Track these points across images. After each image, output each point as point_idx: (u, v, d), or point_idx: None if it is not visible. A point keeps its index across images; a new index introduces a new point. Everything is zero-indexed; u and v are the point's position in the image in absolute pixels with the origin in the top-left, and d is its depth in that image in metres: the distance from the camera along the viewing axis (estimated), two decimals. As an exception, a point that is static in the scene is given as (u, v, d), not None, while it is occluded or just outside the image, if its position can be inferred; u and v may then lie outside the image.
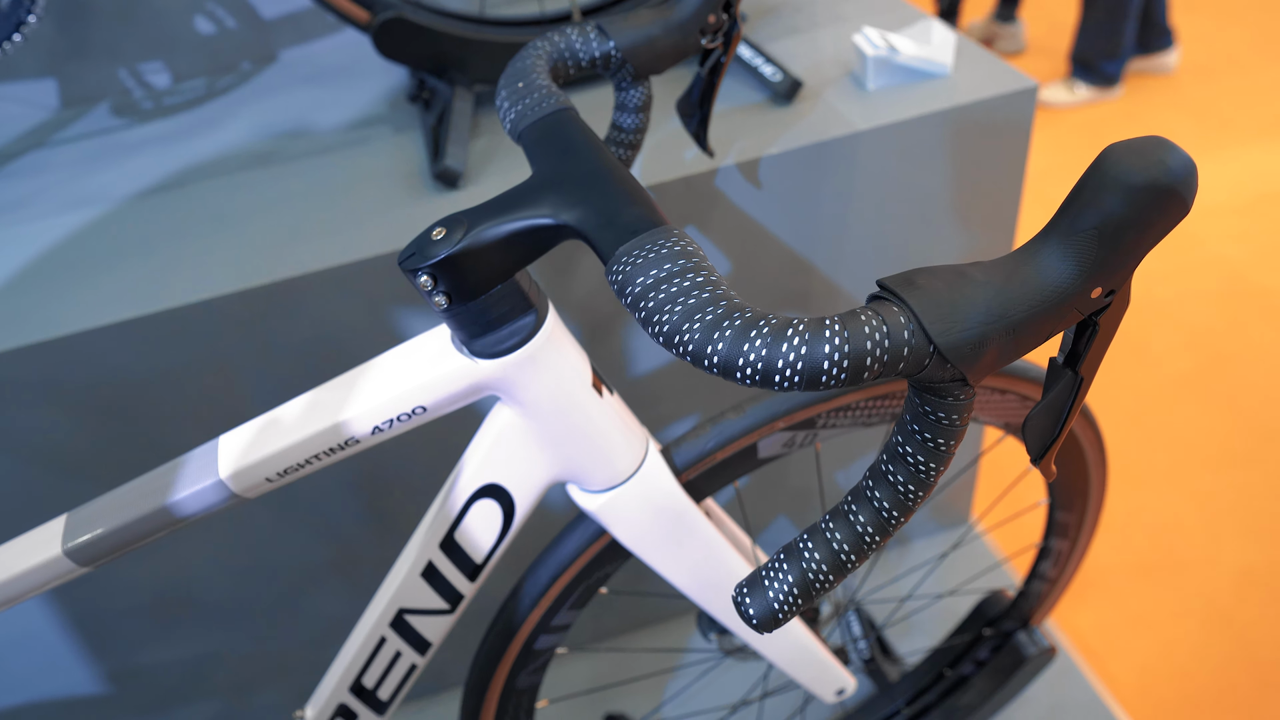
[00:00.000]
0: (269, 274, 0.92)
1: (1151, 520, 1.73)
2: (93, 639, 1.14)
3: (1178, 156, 0.40)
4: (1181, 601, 1.59)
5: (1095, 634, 1.55)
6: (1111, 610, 1.58)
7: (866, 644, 1.29)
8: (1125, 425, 1.91)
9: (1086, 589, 1.62)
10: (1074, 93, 3.05)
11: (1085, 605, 1.59)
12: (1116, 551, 1.68)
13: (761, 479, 1.31)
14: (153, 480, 0.61)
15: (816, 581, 0.50)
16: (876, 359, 0.41)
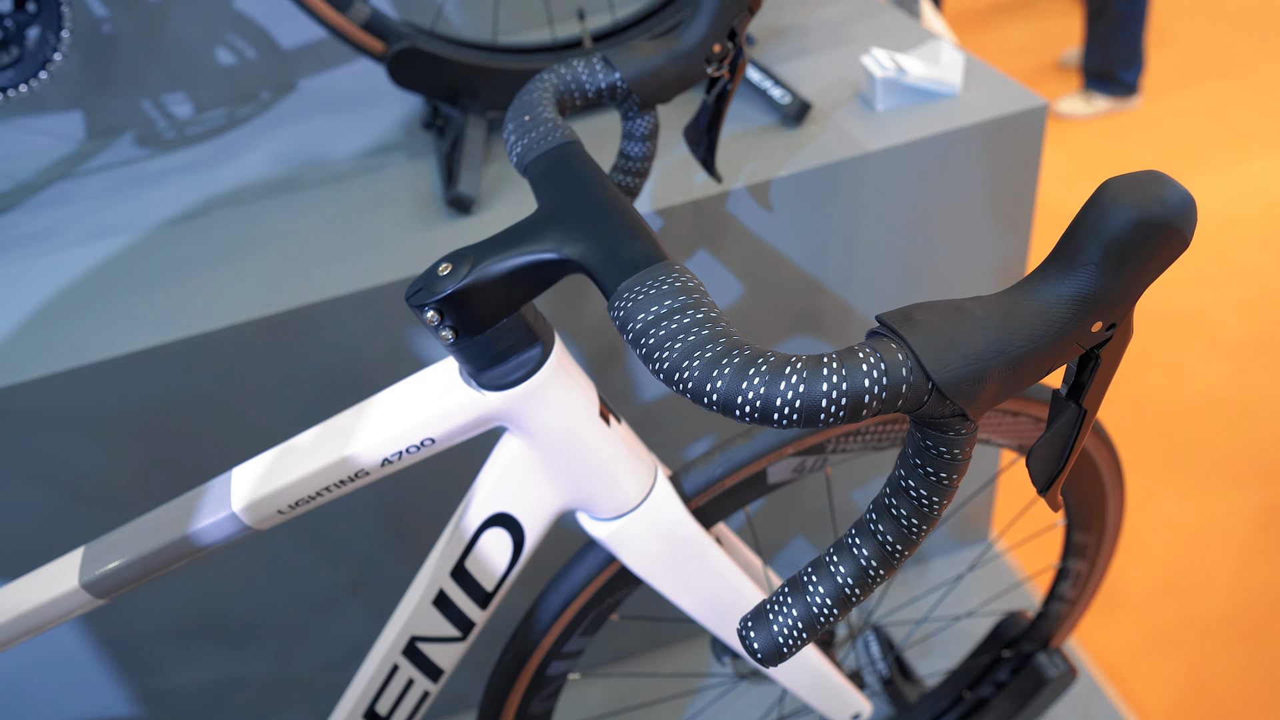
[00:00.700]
0: (287, 301, 0.94)
1: (1177, 537, 1.71)
2: (120, 661, 1.16)
3: (1175, 191, 0.40)
4: (1208, 620, 1.56)
5: (1120, 654, 1.53)
6: (1136, 630, 1.56)
7: (885, 665, 1.29)
8: (1150, 439, 1.89)
9: (1110, 608, 1.60)
10: (1092, 104, 3.04)
11: (1109, 624, 1.57)
12: (1141, 569, 1.66)
13: (777, 501, 1.31)
14: (167, 513, 0.62)
15: (821, 615, 0.50)
16: (875, 396, 0.41)
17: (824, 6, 1.37)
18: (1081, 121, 3.03)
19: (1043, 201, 2.68)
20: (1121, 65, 2.97)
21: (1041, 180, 2.76)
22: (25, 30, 0.99)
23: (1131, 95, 3.03)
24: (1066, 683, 1.12)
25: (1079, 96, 3.06)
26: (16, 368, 0.91)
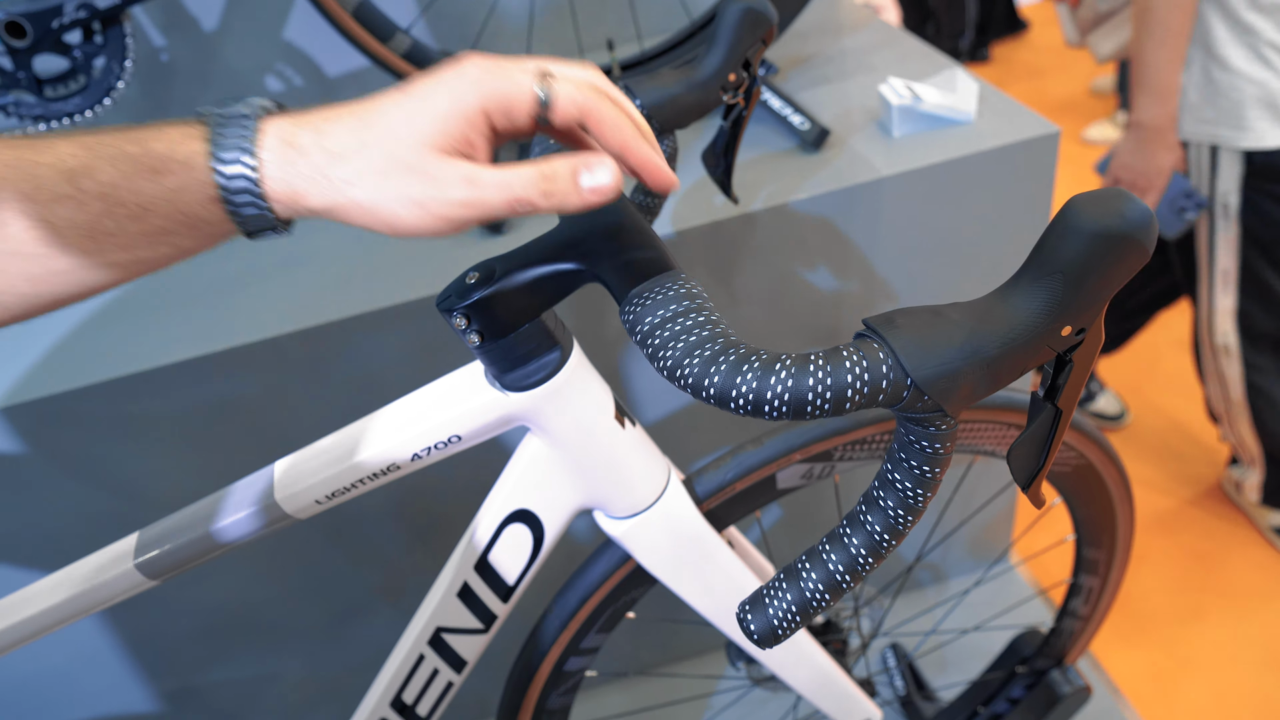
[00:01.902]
0: (326, 315, 0.99)
1: (1202, 558, 1.70)
2: (156, 659, 1.21)
3: (1135, 206, 0.43)
4: (1235, 644, 1.55)
5: (1144, 677, 1.52)
6: (1161, 653, 1.56)
7: (902, 680, 1.30)
8: (1173, 457, 1.89)
9: (1134, 630, 1.60)
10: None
11: (1133, 647, 1.57)
12: (1165, 592, 1.66)
13: (789, 511, 1.34)
14: (215, 501, 0.67)
15: (814, 600, 0.53)
16: (857, 391, 0.45)
17: (847, 36, 1.42)
18: None
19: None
20: None
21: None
22: (92, 60, 1.07)
23: None
24: (1081, 700, 1.13)
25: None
26: (78, 374, 0.97)
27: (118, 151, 0.44)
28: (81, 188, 0.44)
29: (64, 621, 0.67)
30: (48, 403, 0.95)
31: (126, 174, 0.44)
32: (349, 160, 0.46)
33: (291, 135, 0.46)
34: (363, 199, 0.46)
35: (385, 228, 0.47)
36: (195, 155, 0.45)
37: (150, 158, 0.45)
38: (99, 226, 0.44)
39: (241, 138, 0.45)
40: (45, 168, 0.43)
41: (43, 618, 0.66)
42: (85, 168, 0.44)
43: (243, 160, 0.45)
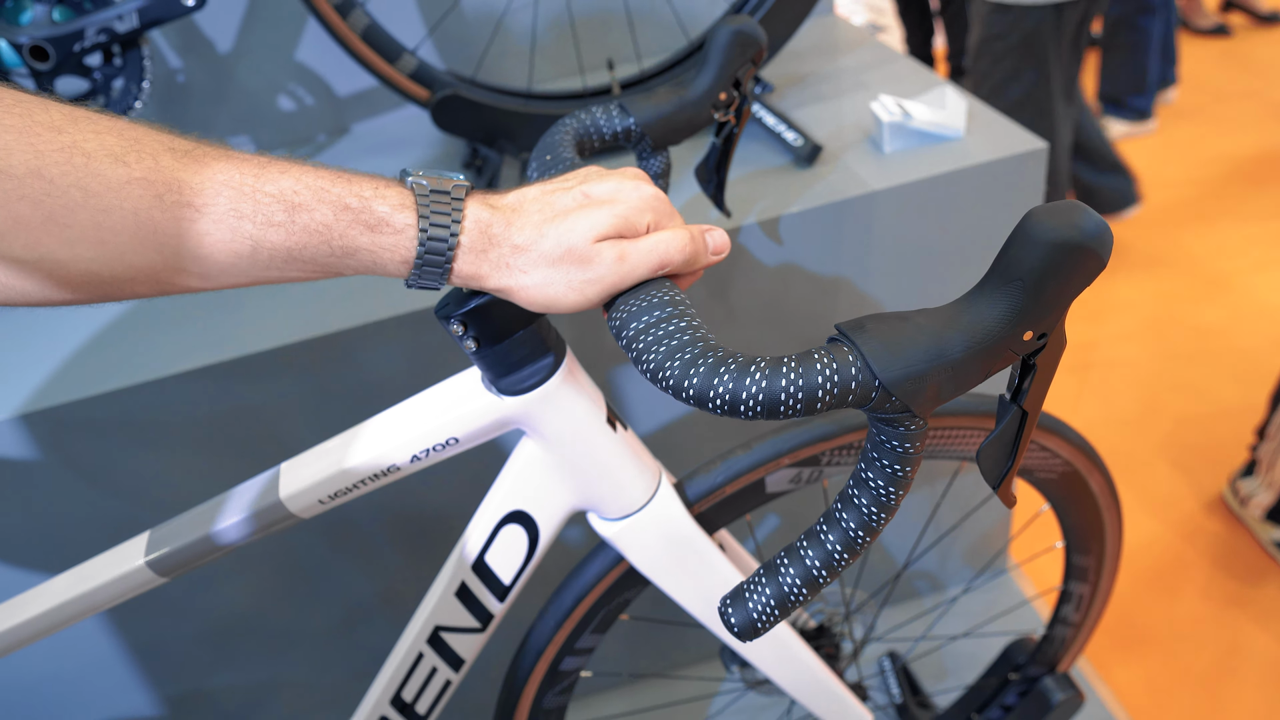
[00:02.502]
0: (332, 325, 1.02)
1: (1202, 571, 1.71)
2: (163, 664, 1.24)
3: (1090, 218, 0.46)
4: (1234, 657, 1.56)
5: (1142, 690, 1.53)
6: (1159, 665, 1.56)
7: (898, 687, 1.32)
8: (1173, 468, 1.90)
9: (1133, 642, 1.61)
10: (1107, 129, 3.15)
11: (1132, 659, 1.58)
12: (1164, 604, 1.67)
13: (782, 517, 1.36)
14: (223, 501, 0.70)
15: (792, 595, 0.56)
16: (827, 391, 0.48)
17: (843, 56, 1.45)
18: None
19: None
20: (1131, 92, 3.14)
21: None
22: (112, 81, 1.11)
23: (1146, 120, 3.18)
24: (1074, 707, 1.15)
25: None
26: (93, 382, 1.01)
27: (339, 202, 0.51)
28: (296, 222, 0.50)
29: (78, 617, 0.70)
30: (64, 410, 0.98)
31: (343, 222, 0.51)
32: (528, 251, 0.54)
33: (488, 224, 0.54)
34: (530, 285, 0.55)
35: (545, 308, 0.56)
36: (409, 226, 0.52)
37: (369, 215, 0.51)
38: (296, 254, 0.51)
39: (448, 218, 0.52)
40: (267, 196, 0.50)
41: (57, 613, 0.69)
42: (305, 206, 0.50)
43: (447, 240, 0.52)
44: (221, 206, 0.49)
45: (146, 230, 0.48)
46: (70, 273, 0.48)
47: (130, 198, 0.47)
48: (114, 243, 0.47)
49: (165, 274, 0.50)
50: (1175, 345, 2.26)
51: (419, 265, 0.52)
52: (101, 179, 0.46)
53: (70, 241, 0.46)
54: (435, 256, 0.52)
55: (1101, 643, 1.60)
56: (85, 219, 0.46)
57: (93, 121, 0.47)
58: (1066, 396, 2.16)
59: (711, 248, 0.60)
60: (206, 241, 0.49)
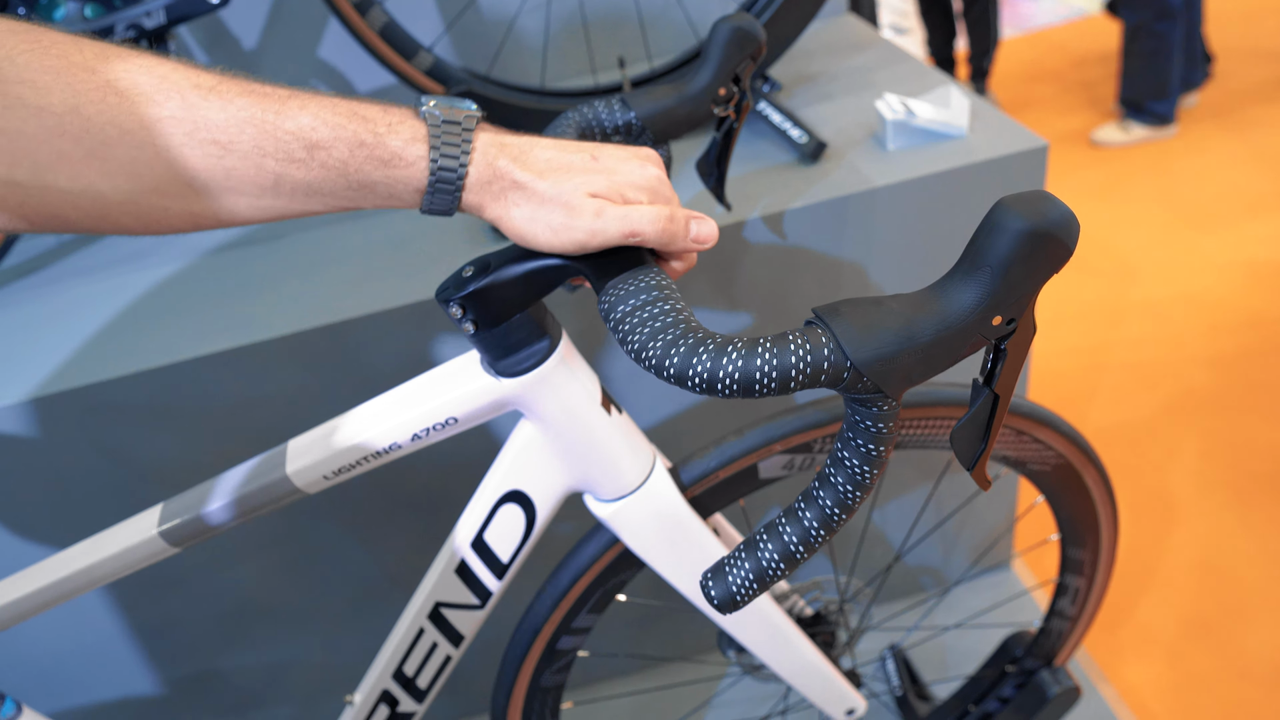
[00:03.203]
0: (346, 312, 1.05)
1: (1211, 570, 1.71)
2: (178, 643, 1.28)
3: (1056, 207, 0.48)
4: (1245, 659, 1.55)
5: (1151, 691, 1.52)
6: (1169, 669, 1.56)
7: (899, 679, 1.33)
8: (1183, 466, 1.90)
9: (1142, 643, 1.61)
10: (1129, 133, 3.20)
11: (1141, 660, 1.58)
12: (1172, 605, 1.66)
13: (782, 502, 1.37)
14: (234, 475, 0.73)
15: (770, 569, 0.58)
16: (800, 371, 0.50)
17: (852, 55, 1.47)
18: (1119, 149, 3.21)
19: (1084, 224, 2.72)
20: (1151, 96, 3.15)
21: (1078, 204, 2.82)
22: (136, 75, 1.15)
23: (1168, 124, 3.18)
24: (1070, 700, 1.16)
25: (1116, 126, 3.24)
26: (112, 365, 1.04)
27: (355, 138, 0.54)
28: (315, 158, 0.54)
29: (93, 584, 0.73)
30: (87, 391, 1.02)
31: (358, 159, 0.55)
32: (525, 189, 0.58)
33: (495, 157, 0.58)
34: (518, 218, 0.59)
35: (523, 241, 0.60)
36: (420, 159, 0.56)
37: (383, 150, 0.55)
38: (315, 187, 0.55)
39: (458, 149, 0.56)
40: (287, 134, 0.53)
41: (73, 580, 0.72)
42: (323, 144, 0.54)
43: (455, 171, 0.56)
44: (246, 144, 0.52)
45: (178, 165, 0.51)
46: (111, 203, 0.52)
47: (161, 135, 0.51)
48: (149, 176, 0.51)
49: (198, 206, 0.54)
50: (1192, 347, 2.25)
51: (430, 194, 0.57)
52: (134, 117, 0.50)
53: (109, 174, 0.50)
54: (445, 185, 0.56)
55: (1110, 642, 1.60)
56: (121, 154, 0.50)
57: (124, 60, 0.51)
58: (1080, 393, 2.16)
59: (693, 234, 0.62)
60: (234, 176, 0.53)
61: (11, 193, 0.50)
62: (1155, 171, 3.04)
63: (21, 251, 1.35)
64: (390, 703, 0.88)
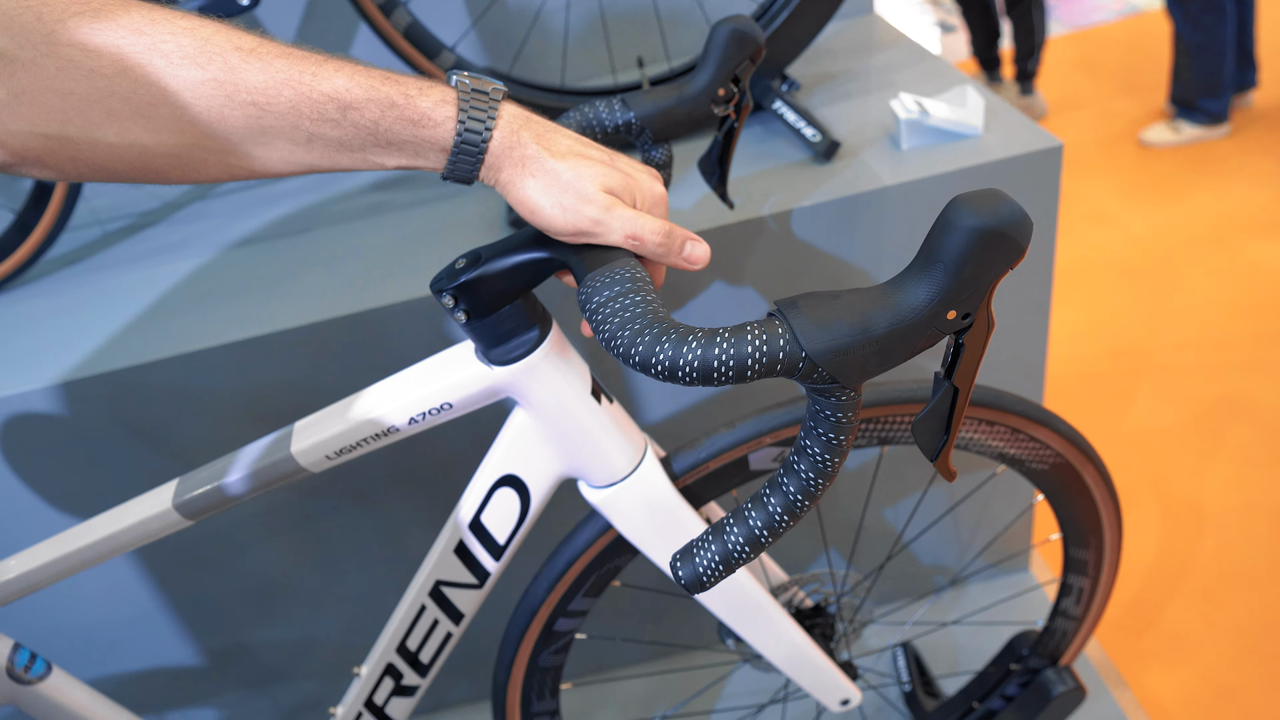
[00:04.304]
0: (367, 303, 1.09)
1: (1246, 581, 1.67)
2: (208, 618, 1.34)
3: (1009, 206, 0.49)
4: (1277, 674, 1.52)
5: (1175, 701, 1.50)
6: (1195, 678, 1.53)
7: (908, 675, 1.34)
8: (1211, 470, 1.86)
9: (1168, 652, 1.58)
10: (1179, 133, 3.14)
11: (1166, 669, 1.56)
12: (1203, 614, 1.64)
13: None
14: (244, 453, 0.77)
15: (736, 552, 0.60)
16: (757, 360, 0.52)
17: (876, 55, 1.47)
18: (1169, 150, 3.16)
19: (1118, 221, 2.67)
20: (1202, 95, 3.08)
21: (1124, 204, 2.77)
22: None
23: (1219, 124, 3.12)
24: (1074, 701, 1.15)
25: (1166, 125, 3.19)
26: (142, 351, 1.10)
27: (386, 99, 0.57)
28: (347, 118, 0.57)
29: (114, 552, 0.78)
30: (118, 375, 1.08)
31: (389, 118, 0.58)
32: (545, 164, 0.61)
33: (518, 129, 0.61)
34: (530, 188, 0.61)
35: (527, 212, 0.62)
36: (448, 119, 0.59)
37: (413, 110, 0.58)
38: (346, 144, 0.58)
39: (485, 114, 0.59)
40: (323, 95, 0.56)
41: (97, 547, 0.77)
42: (356, 104, 0.57)
43: (481, 134, 0.59)
44: (283, 104, 0.56)
45: (218, 124, 0.55)
46: (154, 155, 0.56)
47: (204, 96, 0.54)
48: (191, 132, 0.55)
49: (235, 159, 0.57)
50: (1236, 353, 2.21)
51: (454, 156, 0.59)
52: (179, 79, 0.54)
53: (154, 131, 0.55)
54: (469, 148, 0.59)
55: (1134, 647, 1.59)
56: (166, 113, 0.54)
57: (169, 23, 0.54)
58: (1117, 395, 2.13)
59: (685, 253, 0.65)
60: (270, 133, 0.56)
61: (64, 147, 0.54)
62: (1205, 172, 2.97)
63: (65, 243, 1.42)
64: (395, 675, 0.91)
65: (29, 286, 1.32)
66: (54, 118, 0.53)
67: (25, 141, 0.53)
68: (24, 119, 0.52)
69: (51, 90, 0.52)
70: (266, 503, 1.24)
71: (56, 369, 1.09)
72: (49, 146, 0.54)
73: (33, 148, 0.53)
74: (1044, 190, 1.15)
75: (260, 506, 1.24)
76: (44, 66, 0.51)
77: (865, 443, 0.89)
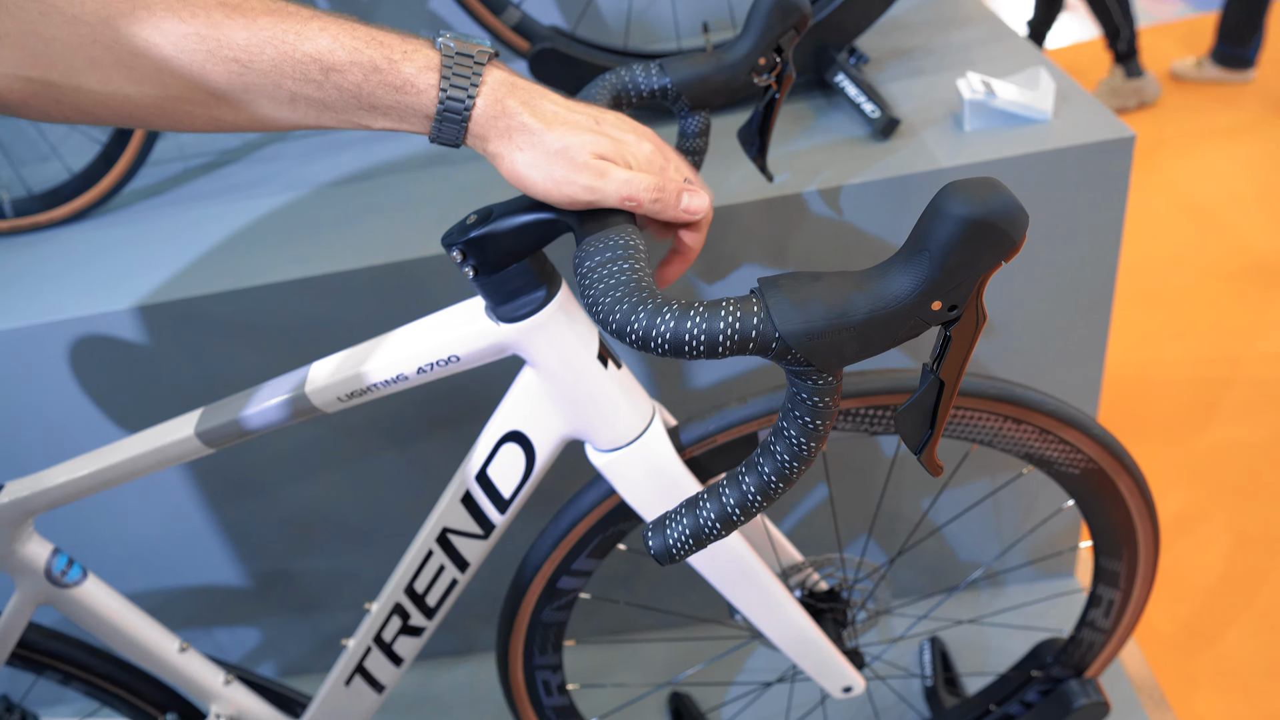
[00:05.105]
0: (413, 252, 1.12)
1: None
2: (254, 543, 1.40)
3: (1002, 197, 0.46)
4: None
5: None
6: (1247, 707, 1.46)
7: (932, 672, 1.32)
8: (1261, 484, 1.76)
9: (1221, 678, 1.51)
10: (1201, 70, 3.38)
11: (1216, 694, 1.49)
12: (1263, 642, 1.55)
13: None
14: (263, 389, 0.80)
15: (706, 529, 0.60)
16: (728, 338, 0.51)
17: (954, 31, 1.41)
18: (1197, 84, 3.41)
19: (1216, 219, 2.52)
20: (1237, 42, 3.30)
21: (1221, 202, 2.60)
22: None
23: (1246, 69, 3.33)
24: (1097, 714, 1.12)
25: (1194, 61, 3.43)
26: (209, 282, 1.15)
27: (370, 63, 0.57)
28: (330, 80, 0.57)
29: (142, 472, 0.83)
30: (183, 304, 1.13)
31: (371, 82, 0.58)
32: (533, 134, 0.60)
33: (504, 95, 0.60)
34: (520, 162, 0.61)
35: (519, 185, 0.62)
36: (431, 87, 0.58)
37: (396, 76, 0.58)
38: (329, 104, 0.58)
39: (468, 81, 0.59)
40: (306, 55, 0.56)
41: (126, 465, 0.82)
42: (339, 67, 0.57)
43: (464, 101, 0.59)
44: (265, 63, 0.56)
45: (200, 79, 0.56)
46: (138, 105, 0.57)
47: (186, 50, 0.55)
48: (174, 85, 0.56)
49: (219, 112, 0.58)
50: (1330, 370, 2.07)
51: (438, 121, 0.59)
52: (161, 31, 0.55)
53: (137, 81, 0.56)
54: (453, 115, 0.59)
55: (1184, 668, 1.52)
56: (147, 65, 0.55)
57: None
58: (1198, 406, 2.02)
59: (683, 205, 0.64)
60: (253, 90, 0.57)
61: (47, 90, 0.55)
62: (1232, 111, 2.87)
63: (145, 176, 1.49)
64: (402, 615, 0.95)
65: (111, 215, 1.40)
66: (37, 62, 0.53)
67: (8, 84, 0.54)
68: (7, 61, 0.53)
69: (34, 35, 0.53)
70: (312, 439, 1.29)
71: (127, 295, 1.15)
72: (32, 90, 0.55)
73: (15, 89, 0.54)
74: (1112, 183, 1.09)
75: (306, 442, 1.29)
76: (27, 10, 0.52)
77: (881, 430, 0.87)
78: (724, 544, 0.87)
